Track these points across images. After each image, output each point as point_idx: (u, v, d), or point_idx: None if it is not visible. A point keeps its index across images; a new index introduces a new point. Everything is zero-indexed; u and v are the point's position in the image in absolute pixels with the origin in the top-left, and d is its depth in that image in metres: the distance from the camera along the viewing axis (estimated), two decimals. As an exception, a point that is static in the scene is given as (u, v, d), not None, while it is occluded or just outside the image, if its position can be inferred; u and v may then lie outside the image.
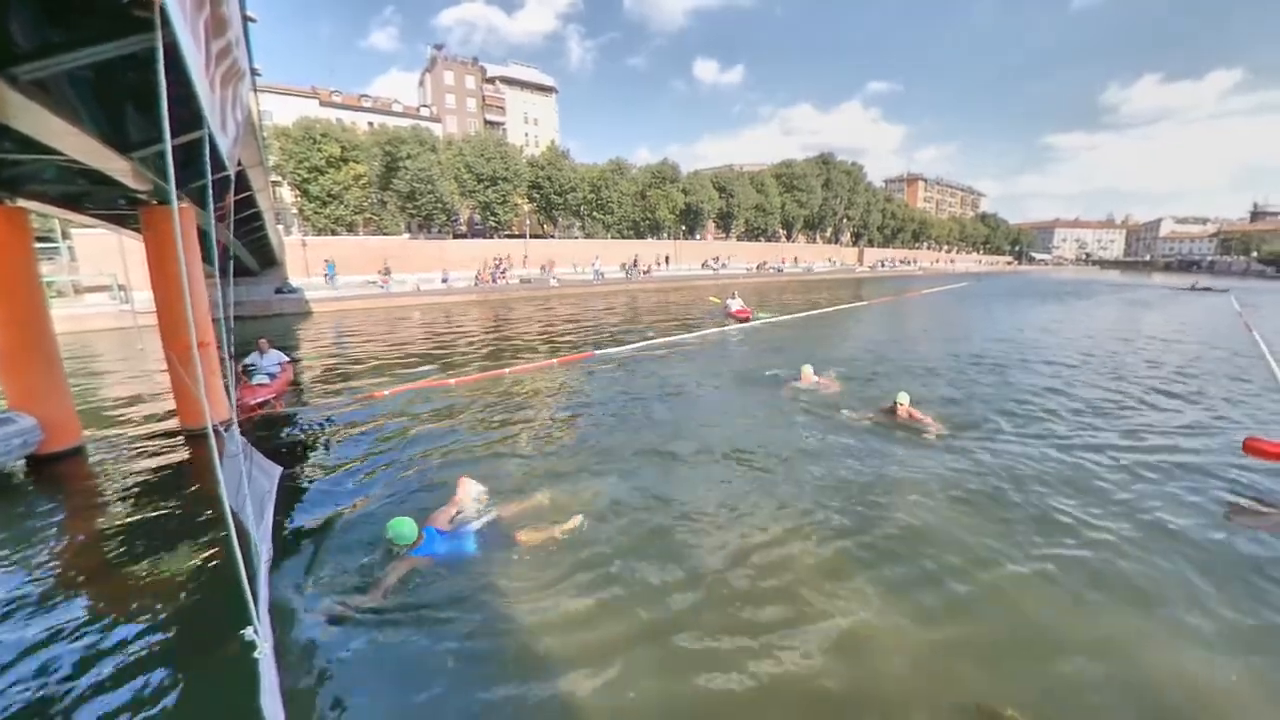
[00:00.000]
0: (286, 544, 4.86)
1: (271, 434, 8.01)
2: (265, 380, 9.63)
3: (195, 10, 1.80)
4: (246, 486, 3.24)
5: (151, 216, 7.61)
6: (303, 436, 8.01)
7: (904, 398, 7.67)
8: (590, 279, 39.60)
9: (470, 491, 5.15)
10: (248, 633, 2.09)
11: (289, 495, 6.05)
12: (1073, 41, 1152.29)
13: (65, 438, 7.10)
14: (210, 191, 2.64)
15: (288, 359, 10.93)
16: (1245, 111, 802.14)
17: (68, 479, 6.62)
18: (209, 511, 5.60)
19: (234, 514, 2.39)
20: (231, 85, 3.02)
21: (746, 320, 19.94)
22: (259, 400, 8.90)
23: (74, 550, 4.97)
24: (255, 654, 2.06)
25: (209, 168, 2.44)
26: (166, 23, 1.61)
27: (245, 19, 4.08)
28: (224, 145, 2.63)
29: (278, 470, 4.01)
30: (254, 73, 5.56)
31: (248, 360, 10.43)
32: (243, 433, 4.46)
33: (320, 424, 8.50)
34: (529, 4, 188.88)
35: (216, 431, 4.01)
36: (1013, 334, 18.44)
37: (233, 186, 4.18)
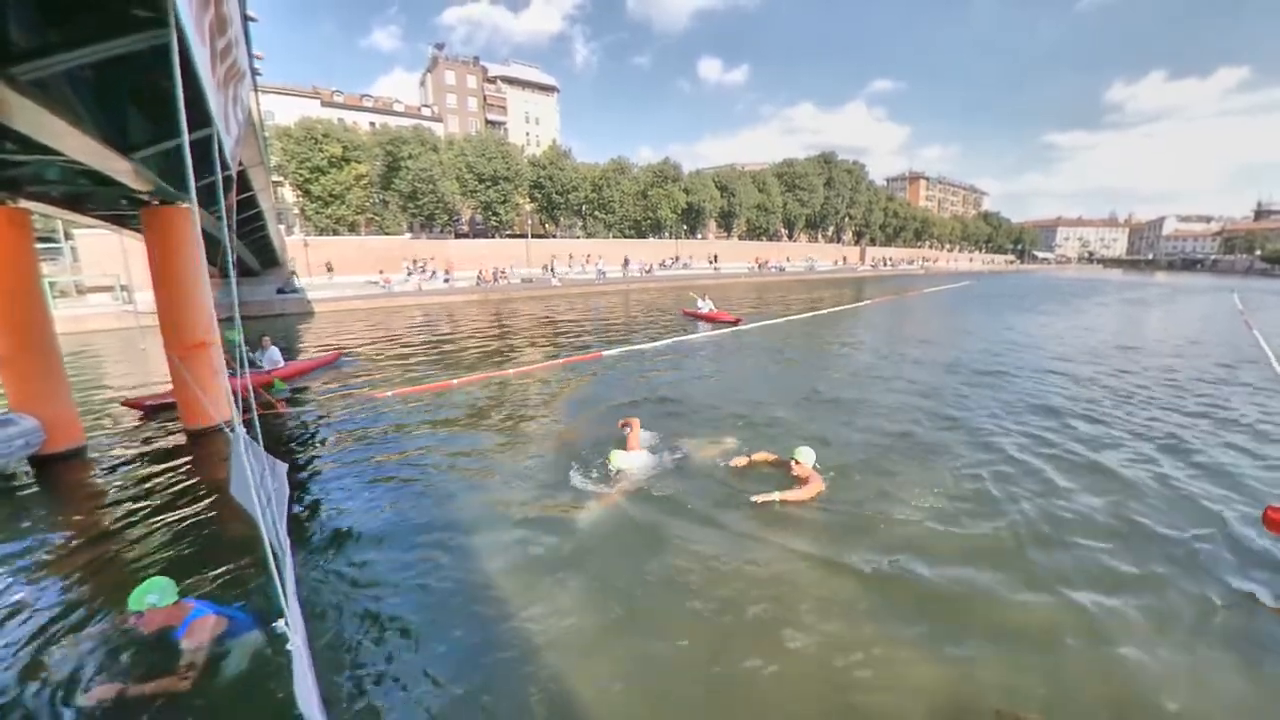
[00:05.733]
0: (297, 541, 4.85)
1: (278, 434, 7.99)
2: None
3: (201, 9, 1.78)
4: (267, 483, 3.21)
5: (152, 217, 7.58)
6: (309, 436, 7.99)
7: (804, 455, 5.81)
8: (592, 278, 39.59)
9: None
10: (279, 625, 2.12)
11: (296, 494, 6.04)
12: (1078, 39, 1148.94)
13: (67, 438, 7.10)
14: (220, 189, 2.61)
15: (284, 358, 11.23)
16: (1251, 109, 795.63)
17: (70, 479, 6.61)
18: (215, 509, 5.62)
19: (254, 510, 2.41)
20: (233, 84, 3.00)
21: (722, 323, 19.13)
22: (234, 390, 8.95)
23: (76, 550, 4.95)
24: (288, 646, 2.10)
25: (219, 166, 2.41)
26: (176, 21, 1.58)
27: (245, 18, 4.06)
28: (228, 144, 2.61)
29: (284, 467, 4.01)
30: (254, 72, 5.55)
31: (252, 356, 10.77)
32: (249, 432, 4.45)
33: (326, 424, 8.49)
34: (534, 3, 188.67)
35: (218, 430, 3.98)
36: (1009, 346, 17.94)
37: (235, 186, 4.16)
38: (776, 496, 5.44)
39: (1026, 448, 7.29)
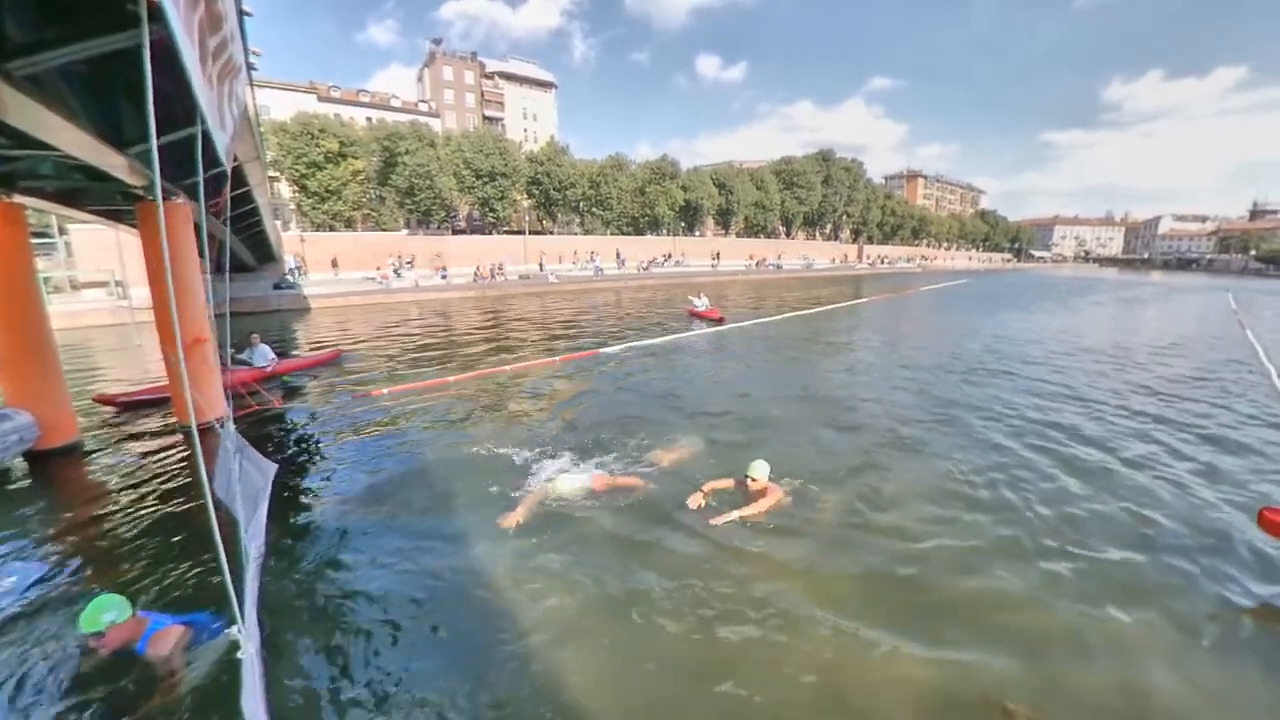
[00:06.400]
0: (279, 543, 4.80)
1: (268, 432, 8.00)
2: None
3: (190, 7, 1.79)
4: (237, 483, 3.20)
5: (148, 212, 7.57)
6: (300, 435, 7.99)
7: (758, 470, 5.42)
8: (590, 275, 39.56)
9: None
10: (232, 631, 2.06)
11: (283, 494, 6.04)
12: (1076, 38, 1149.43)
13: (62, 434, 7.09)
14: (202, 187, 2.62)
15: (274, 355, 11.15)
16: (1250, 108, 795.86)
17: (65, 475, 6.61)
18: (199, 509, 5.54)
19: (220, 510, 2.35)
20: (228, 81, 3.00)
21: (715, 320, 19.43)
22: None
23: (67, 547, 4.95)
24: (239, 654, 2.02)
25: (200, 164, 2.42)
26: (161, 18, 1.59)
27: (240, 13, 4.06)
28: (221, 141, 2.62)
29: (273, 467, 3.92)
30: (250, 67, 5.54)
31: (241, 355, 10.70)
32: (239, 430, 4.44)
33: (318, 423, 8.49)
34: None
35: (210, 428, 3.98)
36: (1004, 344, 17.79)
37: (229, 182, 4.15)
38: (735, 515, 5.22)
39: (1018, 448, 7.31)
